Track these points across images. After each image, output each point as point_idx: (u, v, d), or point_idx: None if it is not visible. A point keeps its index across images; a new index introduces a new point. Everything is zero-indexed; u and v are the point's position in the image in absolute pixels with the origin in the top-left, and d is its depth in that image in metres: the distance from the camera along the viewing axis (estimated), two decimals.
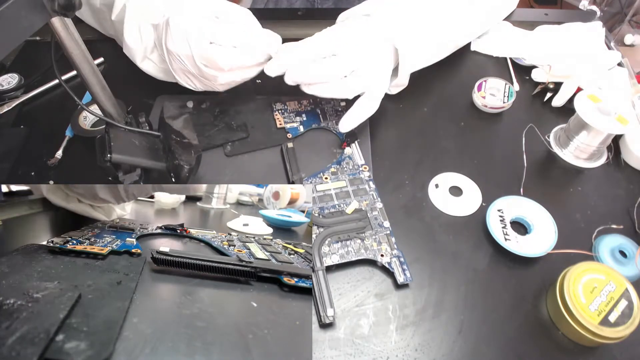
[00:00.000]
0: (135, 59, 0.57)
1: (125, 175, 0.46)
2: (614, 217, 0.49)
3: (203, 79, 0.52)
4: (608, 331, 0.38)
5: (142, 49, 0.56)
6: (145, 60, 0.58)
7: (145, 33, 0.55)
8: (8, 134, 0.58)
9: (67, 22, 0.37)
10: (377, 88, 0.54)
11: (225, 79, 0.52)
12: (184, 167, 0.45)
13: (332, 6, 0.86)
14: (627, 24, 0.94)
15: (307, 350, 0.31)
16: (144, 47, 0.56)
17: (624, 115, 0.51)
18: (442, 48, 0.63)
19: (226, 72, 0.51)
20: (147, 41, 0.55)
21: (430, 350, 0.40)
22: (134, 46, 0.56)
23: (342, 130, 0.53)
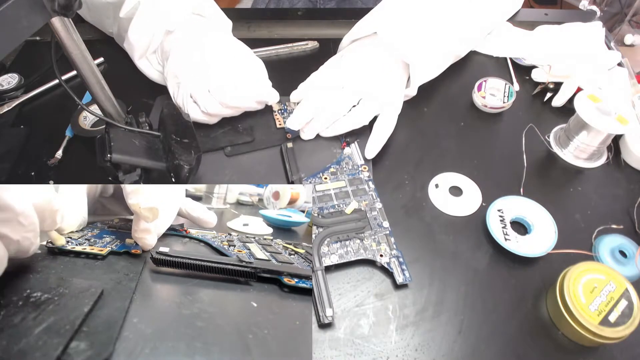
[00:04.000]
0: (134, 55, 0.58)
1: (125, 175, 0.46)
2: (614, 217, 0.49)
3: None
4: (608, 331, 0.38)
5: (143, 47, 0.56)
6: (143, 58, 0.58)
7: (151, 33, 0.55)
8: (8, 134, 0.58)
9: (67, 22, 0.37)
10: (394, 107, 0.56)
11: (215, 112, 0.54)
12: (184, 167, 0.45)
13: (335, 6, 0.86)
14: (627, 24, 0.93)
15: (307, 351, 0.31)
16: (145, 46, 0.56)
17: (624, 115, 0.51)
18: (450, 57, 0.63)
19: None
20: (149, 41, 0.56)
21: (430, 350, 0.40)
22: (135, 42, 0.56)
23: (369, 157, 0.54)
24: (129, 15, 0.56)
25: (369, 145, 0.54)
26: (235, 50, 0.55)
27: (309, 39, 0.71)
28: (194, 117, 0.53)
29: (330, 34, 0.72)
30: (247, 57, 0.55)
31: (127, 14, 0.57)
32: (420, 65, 0.57)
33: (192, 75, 0.52)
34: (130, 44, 0.57)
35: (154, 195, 0.43)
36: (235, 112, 0.55)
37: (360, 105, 0.56)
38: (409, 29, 0.57)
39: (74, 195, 0.47)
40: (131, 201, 0.41)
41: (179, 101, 0.53)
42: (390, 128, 0.55)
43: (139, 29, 0.55)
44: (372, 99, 0.55)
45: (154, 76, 0.59)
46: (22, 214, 0.31)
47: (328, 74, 0.57)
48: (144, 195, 0.41)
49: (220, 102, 0.52)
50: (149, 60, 0.59)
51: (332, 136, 0.56)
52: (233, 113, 0.55)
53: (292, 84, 0.58)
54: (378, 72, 0.56)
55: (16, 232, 0.31)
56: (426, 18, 0.57)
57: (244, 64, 0.55)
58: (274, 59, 0.69)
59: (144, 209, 0.40)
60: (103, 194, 0.53)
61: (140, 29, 0.55)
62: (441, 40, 0.59)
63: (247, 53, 0.56)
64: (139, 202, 0.40)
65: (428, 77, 0.60)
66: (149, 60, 0.59)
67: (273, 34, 0.73)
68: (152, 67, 0.59)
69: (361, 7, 0.84)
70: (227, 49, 0.55)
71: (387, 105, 0.55)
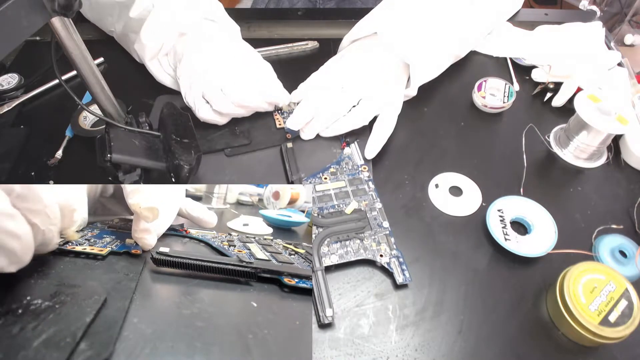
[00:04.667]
0: (145, 56, 0.58)
1: (125, 175, 0.46)
2: (614, 217, 0.49)
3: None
4: (608, 331, 0.38)
5: (155, 49, 0.57)
6: (154, 60, 0.58)
7: (164, 35, 0.55)
8: (8, 134, 0.58)
9: (67, 22, 0.37)
10: (394, 107, 0.56)
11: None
12: (184, 167, 0.45)
13: (335, 6, 0.86)
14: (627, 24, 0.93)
15: (307, 351, 0.31)
16: (157, 48, 0.56)
17: (624, 115, 0.51)
18: (451, 57, 0.64)
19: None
20: (162, 43, 0.56)
21: (430, 350, 0.40)
22: (147, 43, 0.56)
23: (369, 157, 0.54)
24: (140, 16, 0.57)
25: (369, 146, 0.54)
26: (245, 52, 0.56)
27: (309, 39, 0.71)
28: (205, 117, 0.54)
29: (330, 34, 0.72)
30: (257, 59, 0.56)
31: (139, 15, 0.57)
32: (420, 66, 0.57)
33: (205, 75, 0.52)
34: (142, 45, 0.57)
35: (154, 195, 0.43)
36: (247, 112, 0.56)
37: (360, 105, 0.56)
38: (409, 29, 0.57)
39: (74, 196, 0.48)
40: (131, 201, 0.41)
41: (189, 101, 0.54)
42: (390, 128, 0.55)
43: (153, 31, 0.56)
44: (372, 99, 0.55)
45: (162, 78, 0.60)
46: (50, 206, 0.33)
47: (328, 74, 0.58)
48: (144, 195, 0.41)
49: (233, 101, 0.52)
50: (160, 62, 0.59)
51: (332, 136, 0.57)
52: (244, 113, 0.56)
53: (292, 84, 0.58)
54: (378, 72, 0.56)
55: (44, 223, 0.33)
56: (426, 18, 0.57)
57: (255, 65, 0.55)
58: (274, 59, 0.69)
59: (144, 209, 0.40)
60: (103, 194, 0.53)
61: (153, 31, 0.56)
62: (441, 41, 0.59)
63: (256, 55, 0.57)
64: (139, 202, 0.40)
65: (428, 78, 0.60)
66: (160, 62, 0.59)
67: (273, 34, 0.73)
68: (162, 69, 0.59)
69: (361, 7, 0.84)
70: (238, 50, 0.56)
71: (387, 105, 0.55)
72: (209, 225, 0.58)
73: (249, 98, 0.53)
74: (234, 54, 0.55)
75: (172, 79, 0.60)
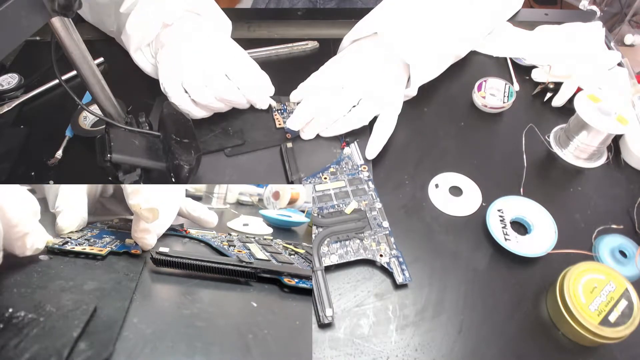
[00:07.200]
0: (130, 48, 0.58)
1: (125, 175, 0.46)
2: (614, 217, 0.49)
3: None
4: (608, 331, 0.38)
5: (139, 39, 0.56)
6: (138, 51, 0.58)
7: (147, 25, 0.55)
8: (8, 134, 0.58)
9: (67, 22, 0.37)
10: (394, 107, 0.56)
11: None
12: (184, 167, 0.45)
13: (335, 6, 0.86)
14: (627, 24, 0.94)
15: (307, 351, 0.31)
16: (141, 38, 0.56)
17: (624, 115, 0.51)
18: (451, 57, 0.64)
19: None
20: (146, 34, 0.56)
21: (430, 350, 0.40)
22: (131, 34, 0.56)
23: (369, 157, 0.54)
24: (128, 10, 0.56)
25: (369, 146, 0.54)
26: (232, 47, 0.56)
27: (309, 39, 0.71)
28: (184, 108, 0.53)
29: (330, 34, 0.72)
30: (243, 55, 0.56)
31: (127, 10, 0.57)
32: (421, 66, 0.57)
33: (184, 64, 0.52)
34: (127, 36, 0.57)
35: (154, 196, 0.43)
36: (226, 107, 0.55)
37: (360, 105, 0.56)
38: (409, 29, 0.57)
39: (74, 195, 0.48)
40: (131, 201, 0.41)
41: (166, 87, 0.53)
42: (391, 128, 0.55)
43: (137, 21, 0.55)
44: (372, 99, 0.55)
45: (148, 69, 0.59)
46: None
47: (328, 74, 0.57)
48: (144, 196, 0.41)
49: (214, 93, 0.52)
50: (143, 52, 0.59)
51: (332, 136, 0.56)
52: (223, 107, 0.55)
53: (292, 84, 0.58)
54: (378, 73, 0.56)
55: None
56: (426, 18, 0.57)
57: (240, 61, 0.55)
58: (274, 59, 0.69)
59: (144, 209, 0.40)
60: (103, 194, 0.53)
61: (137, 21, 0.55)
62: (441, 41, 0.59)
63: (242, 52, 0.56)
64: (139, 202, 0.40)
65: (428, 78, 0.60)
66: (144, 53, 0.59)
67: (273, 34, 0.73)
68: (146, 59, 0.59)
69: (361, 7, 0.84)
70: (224, 44, 0.55)
71: (387, 105, 0.55)
72: (210, 225, 0.58)
73: (229, 92, 0.53)
74: (220, 47, 0.54)
75: (153, 67, 0.59)
